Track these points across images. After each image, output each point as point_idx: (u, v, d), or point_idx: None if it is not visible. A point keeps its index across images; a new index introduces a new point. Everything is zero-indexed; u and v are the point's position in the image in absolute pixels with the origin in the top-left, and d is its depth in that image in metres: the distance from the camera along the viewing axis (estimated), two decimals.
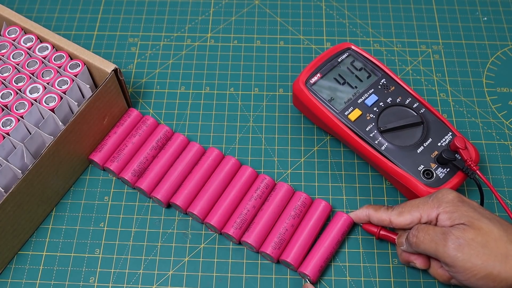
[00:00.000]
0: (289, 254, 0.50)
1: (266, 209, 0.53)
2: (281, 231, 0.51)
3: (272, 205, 0.53)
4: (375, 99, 0.54)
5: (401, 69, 0.64)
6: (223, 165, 0.55)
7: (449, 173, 0.51)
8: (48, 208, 0.55)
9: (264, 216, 0.52)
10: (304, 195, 0.53)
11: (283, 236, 0.51)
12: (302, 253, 0.50)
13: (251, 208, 0.53)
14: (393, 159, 0.51)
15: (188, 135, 0.60)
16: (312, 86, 0.55)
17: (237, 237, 0.52)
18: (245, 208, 0.53)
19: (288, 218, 0.52)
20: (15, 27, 0.58)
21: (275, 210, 0.53)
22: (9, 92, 0.53)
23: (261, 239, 0.51)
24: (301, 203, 0.53)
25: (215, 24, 0.69)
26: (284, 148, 0.59)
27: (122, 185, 0.57)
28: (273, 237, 0.51)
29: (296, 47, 0.66)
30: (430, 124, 0.53)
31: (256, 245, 0.51)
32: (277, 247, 0.50)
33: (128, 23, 0.69)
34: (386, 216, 0.48)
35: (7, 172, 0.49)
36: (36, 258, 0.53)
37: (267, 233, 0.52)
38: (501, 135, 0.60)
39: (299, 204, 0.53)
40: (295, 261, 0.50)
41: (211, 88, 0.63)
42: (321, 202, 0.53)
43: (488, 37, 0.67)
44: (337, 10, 0.69)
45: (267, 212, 0.52)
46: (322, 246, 0.51)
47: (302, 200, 0.53)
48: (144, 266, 0.52)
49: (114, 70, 0.54)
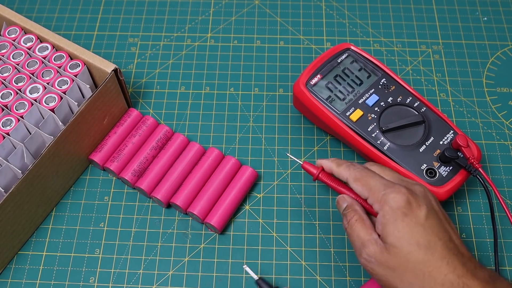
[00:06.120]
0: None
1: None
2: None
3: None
4: (376, 99, 0.54)
5: (401, 69, 0.64)
6: (223, 165, 0.55)
7: (452, 171, 0.51)
8: (48, 208, 0.55)
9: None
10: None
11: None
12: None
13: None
14: (395, 158, 0.51)
15: (188, 135, 0.60)
16: (312, 87, 0.55)
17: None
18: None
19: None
20: (15, 27, 0.58)
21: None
22: (9, 92, 0.53)
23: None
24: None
25: (215, 24, 0.69)
26: (284, 148, 0.59)
27: (122, 185, 0.57)
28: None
29: (296, 47, 0.66)
30: (432, 122, 0.53)
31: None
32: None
33: (128, 23, 0.69)
34: (345, 174, 0.47)
35: (7, 172, 0.49)
36: (36, 258, 0.53)
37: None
38: (501, 135, 0.60)
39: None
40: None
41: (211, 88, 0.63)
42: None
43: (488, 37, 0.67)
44: (337, 10, 0.70)
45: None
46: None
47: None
48: (144, 266, 0.52)
49: (114, 70, 0.53)
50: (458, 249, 0.42)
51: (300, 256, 0.53)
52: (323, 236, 0.54)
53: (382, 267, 0.42)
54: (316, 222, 0.54)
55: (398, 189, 0.43)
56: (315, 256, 0.53)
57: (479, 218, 0.55)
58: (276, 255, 0.53)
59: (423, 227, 0.42)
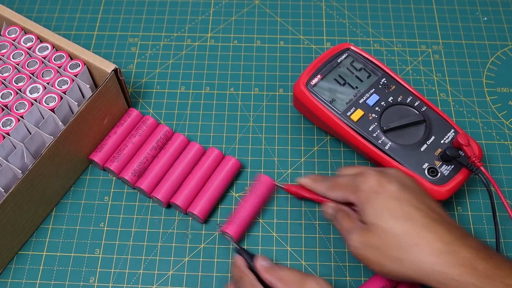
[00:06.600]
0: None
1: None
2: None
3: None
4: (377, 98, 0.54)
5: (401, 69, 0.64)
6: (223, 165, 0.55)
7: (454, 170, 0.51)
8: (48, 208, 0.55)
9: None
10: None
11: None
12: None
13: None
14: (397, 158, 0.51)
15: (188, 135, 0.60)
16: (313, 88, 0.55)
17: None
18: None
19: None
20: (15, 27, 0.58)
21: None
22: (9, 92, 0.53)
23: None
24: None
25: (215, 24, 0.69)
26: (284, 148, 0.59)
27: (122, 185, 0.57)
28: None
29: (296, 47, 0.66)
30: (432, 121, 0.53)
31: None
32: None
33: (128, 23, 0.69)
34: (319, 189, 0.49)
35: (7, 172, 0.49)
36: (36, 258, 0.53)
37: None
38: (501, 135, 0.60)
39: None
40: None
41: (211, 88, 0.63)
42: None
43: (488, 37, 0.67)
44: (337, 10, 0.70)
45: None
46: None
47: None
48: (144, 266, 0.52)
49: (114, 70, 0.53)
50: (443, 219, 0.42)
51: (300, 256, 0.53)
52: (323, 236, 0.54)
53: (368, 249, 0.42)
54: (316, 222, 0.54)
55: (367, 173, 0.45)
56: (315, 256, 0.53)
57: (479, 218, 0.55)
58: (276, 255, 0.53)
59: (397, 200, 0.42)
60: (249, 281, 0.45)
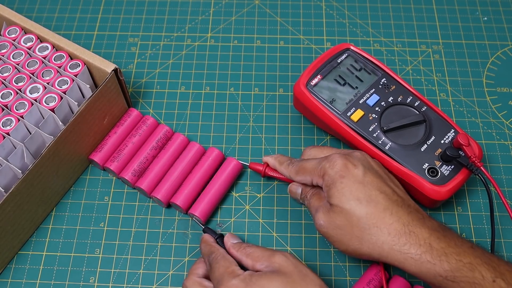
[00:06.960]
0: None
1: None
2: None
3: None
4: (377, 98, 0.54)
5: (401, 69, 0.64)
6: (224, 167, 0.55)
7: (454, 170, 0.51)
8: (48, 208, 0.55)
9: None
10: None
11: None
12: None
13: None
14: (397, 158, 0.51)
15: (188, 135, 0.60)
16: (313, 88, 0.55)
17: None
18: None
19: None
20: (15, 27, 0.58)
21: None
22: (9, 92, 0.53)
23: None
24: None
25: (215, 24, 0.69)
26: (284, 148, 0.59)
27: (122, 185, 0.57)
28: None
29: (296, 47, 0.66)
30: (432, 122, 0.53)
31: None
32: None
33: (128, 23, 0.69)
34: (286, 172, 0.51)
35: (7, 172, 0.49)
36: (36, 258, 0.53)
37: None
38: (501, 135, 0.60)
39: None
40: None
41: (211, 88, 0.63)
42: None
43: (488, 37, 0.67)
44: (337, 10, 0.70)
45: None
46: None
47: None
48: (144, 266, 0.52)
49: (114, 70, 0.53)
50: (403, 202, 0.45)
51: (300, 256, 0.53)
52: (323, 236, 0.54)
53: (331, 227, 0.45)
54: None
55: (332, 157, 0.46)
56: (315, 256, 0.53)
57: (479, 218, 0.55)
58: None
59: (362, 184, 0.44)
60: (220, 254, 0.46)
